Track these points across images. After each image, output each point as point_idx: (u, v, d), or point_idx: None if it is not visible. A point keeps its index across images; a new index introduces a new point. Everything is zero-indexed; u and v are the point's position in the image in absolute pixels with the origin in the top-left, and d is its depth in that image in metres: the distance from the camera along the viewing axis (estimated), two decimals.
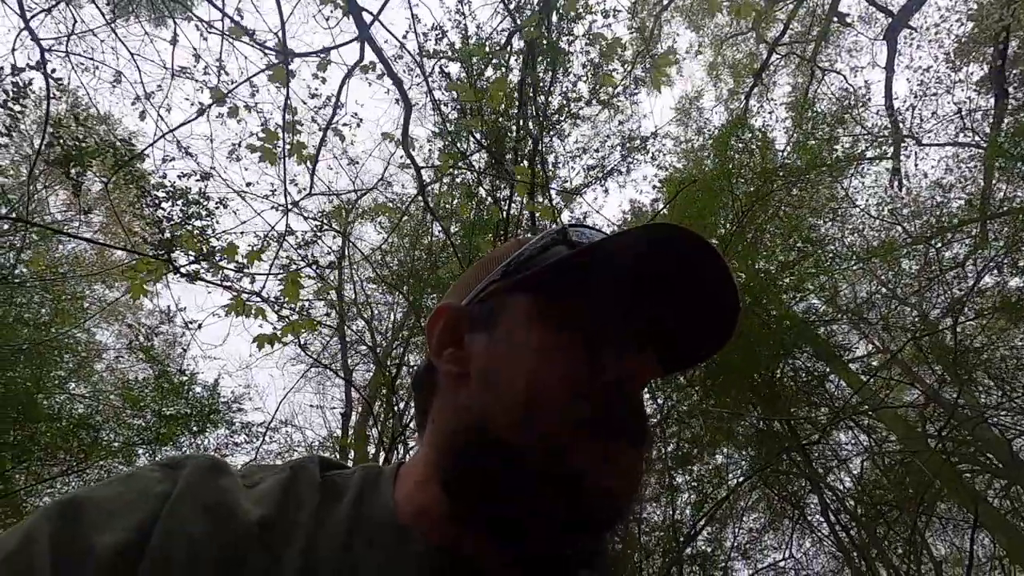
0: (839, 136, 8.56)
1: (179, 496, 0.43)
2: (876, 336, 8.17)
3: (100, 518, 0.40)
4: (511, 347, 0.48)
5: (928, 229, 6.37)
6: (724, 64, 12.06)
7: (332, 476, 0.50)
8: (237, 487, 0.46)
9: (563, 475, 0.42)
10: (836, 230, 7.75)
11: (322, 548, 0.43)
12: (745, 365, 5.95)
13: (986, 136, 6.47)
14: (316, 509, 0.46)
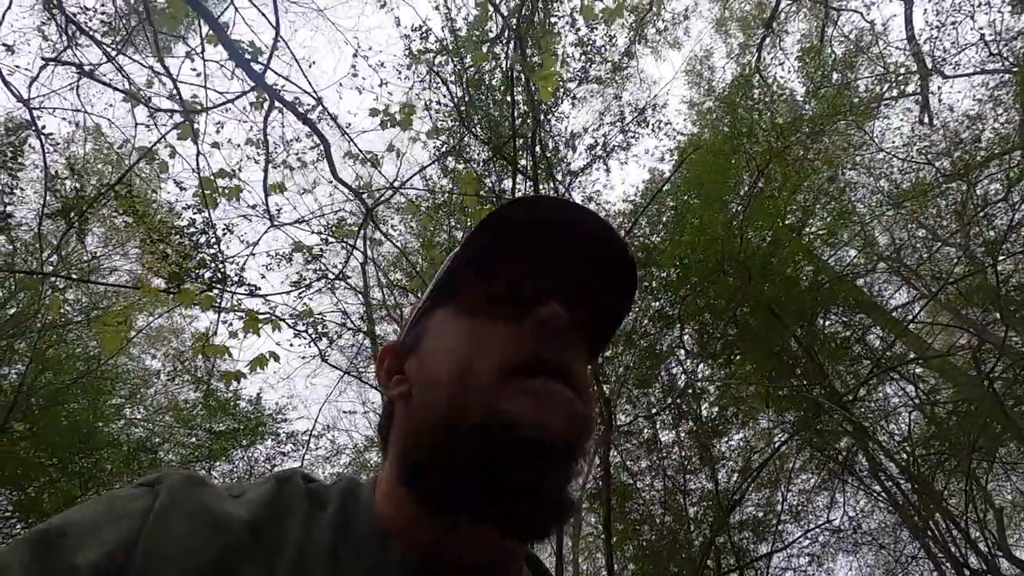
0: (859, 79, 8.18)
1: (161, 509, 0.42)
2: (919, 282, 7.84)
3: (78, 539, 0.39)
4: (434, 348, 0.52)
5: (961, 165, 6.03)
6: (732, 18, 11.61)
7: (315, 486, 0.51)
8: (221, 497, 0.46)
9: (501, 424, 0.43)
10: (864, 176, 7.44)
11: (311, 556, 0.44)
12: (779, 326, 5.81)
13: (1018, 59, 6.06)
14: (305, 518, 0.47)
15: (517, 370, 0.46)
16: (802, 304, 6.10)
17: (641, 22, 10.19)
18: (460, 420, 0.45)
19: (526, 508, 0.44)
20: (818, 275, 6.74)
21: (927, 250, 7.30)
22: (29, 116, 2.59)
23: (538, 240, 0.53)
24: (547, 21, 4.51)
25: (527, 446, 0.43)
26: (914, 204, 6.82)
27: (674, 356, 5.61)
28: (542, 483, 0.44)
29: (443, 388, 0.48)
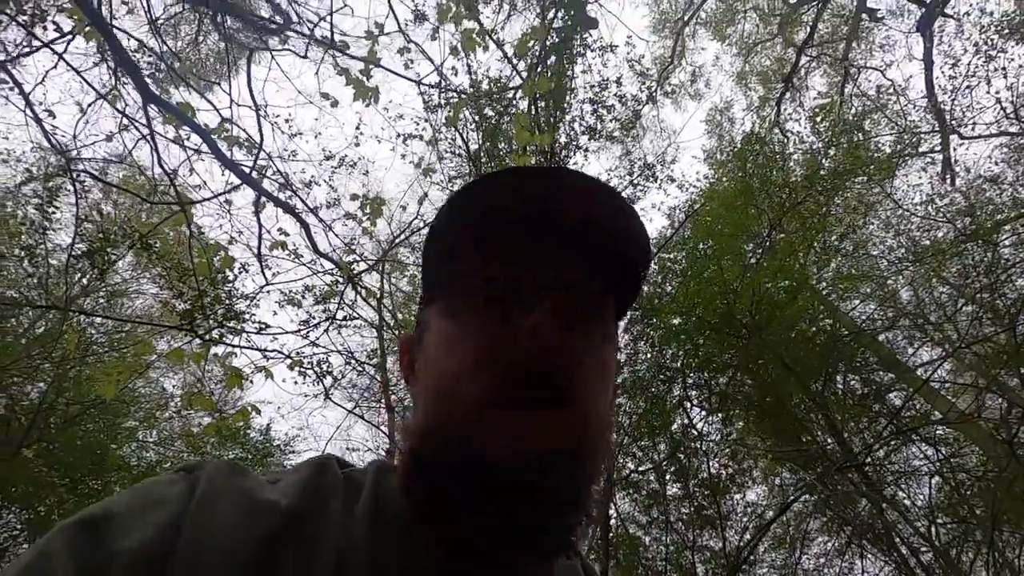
0: (878, 136, 8.22)
1: (203, 494, 0.42)
2: (944, 340, 7.64)
3: (120, 525, 0.39)
4: (427, 353, 0.51)
5: (981, 225, 5.96)
6: (752, 72, 11.87)
7: (350, 472, 0.52)
8: (261, 484, 0.46)
9: (475, 463, 0.41)
10: (882, 232, 7.38)
11: (353, 539, 0.44)
12: (792, 380, 5.70)
13: None
14: (342, 504, 0.47)
15: (494, 402, 0.43)
16: (818, 358, 5.99)
17: (663, 74, 10.48)
18: (437, 452, 0.44)
19: (516, 534, 0.42)
20: (835, 329, 6.63)
21: (952, 308, 7.15)
22: (65, 165, 2.81)
23: (518, 220, 0.49)
24: (562, 79, 4.69)
25: (503, 482, 0.41)
26: (934, 262, 6.72)
27: (682, 408, 5.53)
28: (528, 510, 0.42)
29: (431, 409, 0.47)
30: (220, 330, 3.04)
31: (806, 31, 9.93)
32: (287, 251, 3.20)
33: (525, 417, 0.42)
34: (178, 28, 6.43)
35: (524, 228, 0.49)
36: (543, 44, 3.89)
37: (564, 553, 0.46)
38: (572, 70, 5.34)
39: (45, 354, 5.82)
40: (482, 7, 4.47)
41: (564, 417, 0.43)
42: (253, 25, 3.07)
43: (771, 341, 5.46)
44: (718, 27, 11.63)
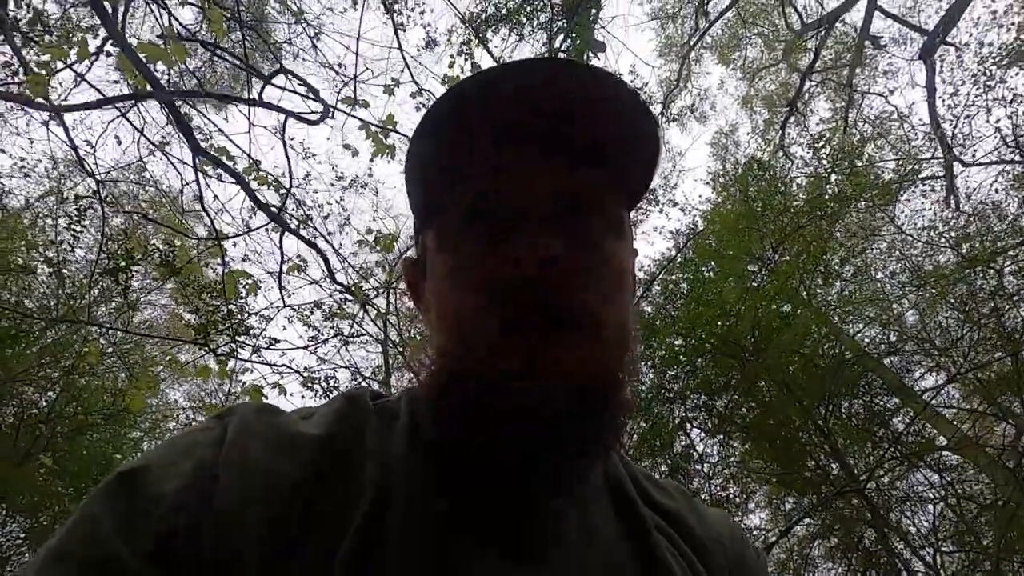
0: (881, 161, 8.30)
1: (235, 435, 0.42)
2: (950, 364, 7.61)
3: (156, 474, 0.39)
4: (433, 286, 0.49)
5: (983, 250, 5.99)
6: (757, 96, 12.02)
7: (382, 402, 0.50)
8: (293, 420, 0.46)
9: (503, 385, 0.41)
10: (884, 256, 7.41)
11: (391, 463, 0.43)
12: (793, 402, 5.70)
13: None
14: (378, 430, 0.46)
15: (502, 336, 0.42)
16: (820, 381, 5.99)
17: (668, 97, 10.65)
18: (452, 390, 0.43)
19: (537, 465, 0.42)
20: (839, 352, 6.63)
21: (957, 333, 7.14)
22: (96, 187, 2.94)
23: (512, 130, 0.45)
24: None
25: (520, 415, 0.40)
26: (937, 287, 6.74)
27: (683, 430, 5.53)
28: (548, 441, 0.41)
29: (446, 343, 0.45)
30: (232, 345, 3.13)
31: (810, 57, 10.10)
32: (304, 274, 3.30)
33: (536, 347, 0.41)
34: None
35: (518, 138, 0.45)
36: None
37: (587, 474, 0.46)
38: None
39: (55, 363, 5.91)
40: (491, 35, 4.62)
41: (578, 341, 0.42)
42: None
43: (772, 363, 5.47)
44: (723, 53, 11.83)
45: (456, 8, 3.32)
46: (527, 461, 0.42)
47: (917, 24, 8.95)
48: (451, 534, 0.41)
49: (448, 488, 0.43)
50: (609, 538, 0.47)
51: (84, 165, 2.85)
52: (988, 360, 6.05)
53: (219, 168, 2.62)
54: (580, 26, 5.16)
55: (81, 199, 3.29)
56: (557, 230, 0.43)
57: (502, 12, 4.48)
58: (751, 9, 11.16)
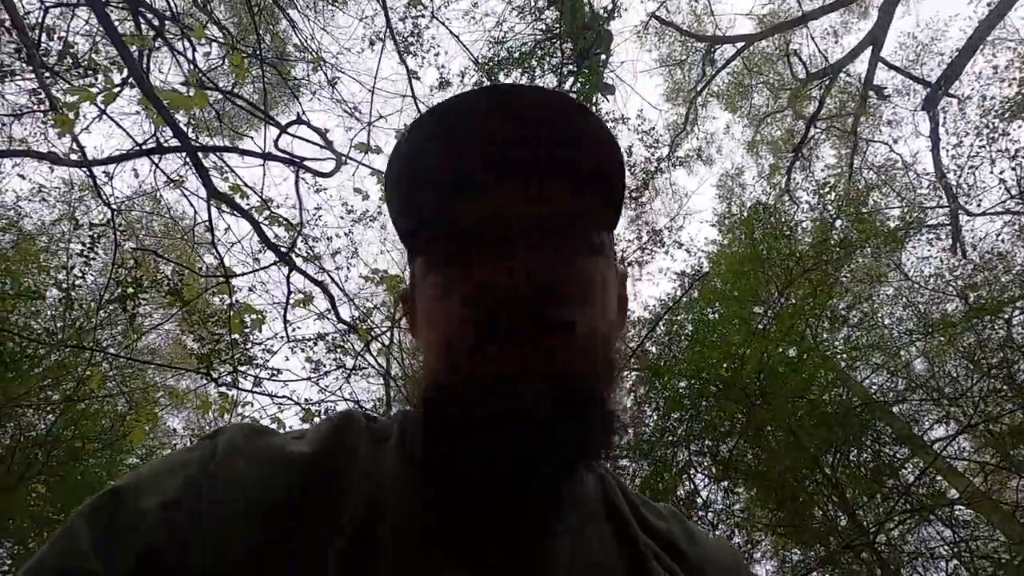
0: (887, 207, 8.36)
1: (223, 454, 0.42)
2: (960, 414, 7.47)
3: (141, 491, 0.39)
4: (420, 309, 0.50)
5: (991, 300, 5.96)
6: (763, 141, 12.23)
7: (375, 424, 0.51)
8: (283, 439, 0.45)
9: (479, 405, 0.41)
10: (891, 303, 7.38)
11: (382, 481, 0.43)
12: (800, 449, 5.58)
13: None
14: (369, 451, 0.46)
15: (483, 347, 0.42)
16: (828, 428, 5.87)
17: (675, 140, 10.84)
18: (442, 408, 0.44)
19: (524, 469, 0.41)
20: (847, 398, 6.52)
21: (967, 382, 7.03)
22: (111, 215, 3.02)
23: (478, 157, 0.46)
24: None
25: (507, 423, 0.40)
26: (946, 335, 6.67)
27: (687, 475, 5.41)
28: (534, 445, 0.41)
29: (431, 365, 0.46)
30: (235, 375, 3.13)
31: (815, 105, 10.31)
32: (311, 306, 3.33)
33: (515, 352, 0.41)
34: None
35: (485, 163, 0.46)
36: None
37: (579, 474, 0.45)
38: None
39: (56, 386, 5.90)
40: (503, 77, 4.76)
41: (556, 343, 0.42)
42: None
43: (778, 409, 5.39)
44: (730, 99, 12.09)
45: (470, 52, 3.44)
46: (520, 465, 0.41)
47: (920, 76, 9.15)
48: (443, 553, 0.41)
49: (441, 506, 0.43)
50: (604, 560, 0.47)
51: (100, 194, 2.93)
52: (1000, 413, 5.93)
53: (232, 209, 2.70)
54: (591, 71, 5.31)
55: (96, 227, 3.36)
56: (529, 246, 0.44)
57: (514, 56, 4.63)
58: (756, 59, 11.46)
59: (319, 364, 3.86)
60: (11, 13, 2.70)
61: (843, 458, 6.18)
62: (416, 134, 0.47)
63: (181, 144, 2.41)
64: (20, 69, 4.10)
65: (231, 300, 2.80)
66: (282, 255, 2.90)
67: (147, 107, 2.27)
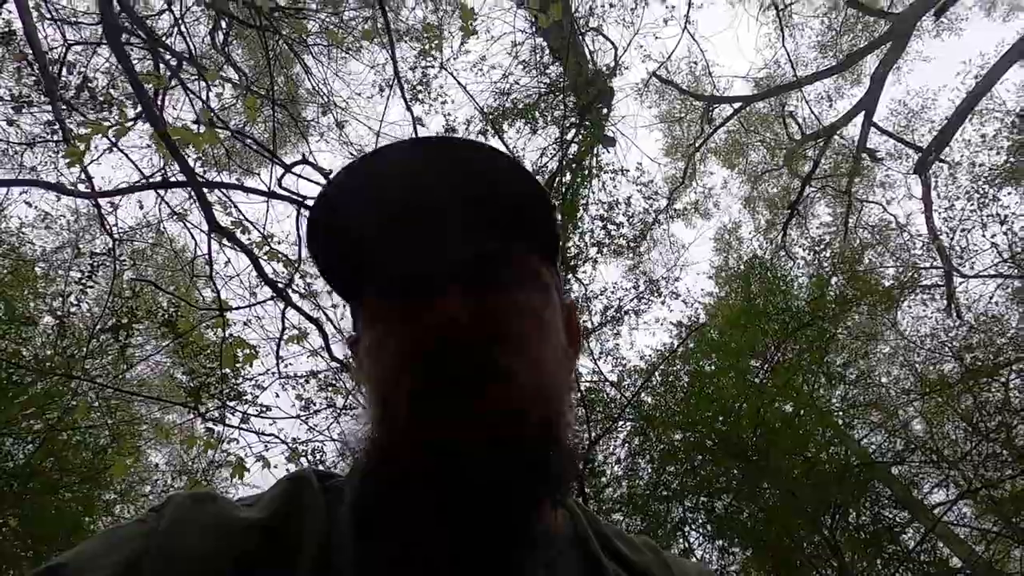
0: (882, 266, 8.46)
1: (167, 526, 0.41)
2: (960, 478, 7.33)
3: (82, 567, 0.38)
4: (361, 365, 0.50)
5: (987, 363, 5.95)
6: (760, 197, 12.49)
7: (332, 483, 0.49)
8: (232, 507, 0.44)
9: (419, 461, 0.40)
10: (886, 361, 7.36)
11: (334, 551, 0.41)
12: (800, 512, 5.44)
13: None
14: (323, 512, 0.44)
15: (421, 402, 0.42)
16: (825, 488, 5.74)
17: (674, 193, 11.07)
18: (382, 465, 0.43)
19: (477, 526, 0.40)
20: (846, 458, 6.41)
21: (966, 444, 6.93)
22: (112, 245, 3.06)
23: (397, 212, 0.46)
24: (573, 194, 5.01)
25: (450, 480, 0.40)
26: (943, 396, 6.63)
27: (681, 532, 5.26)
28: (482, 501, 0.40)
29: (370, 424, 0.46)
30: (223, 410, 3.08)
31: (811, 164, 10.58)
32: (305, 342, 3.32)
33: (456, 406, 0.41)
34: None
35: (405, 217, 0.46)
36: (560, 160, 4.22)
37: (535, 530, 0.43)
38: (588, 186, 5.69)
39: (40, 415, 5.79)
40: (507, 127, 4.92)
41: (493, 393, 0.41)
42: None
43: (776, 465, 5.28)
44: (727, 156, 12.42)
45: (476, 102, 3.56)
46: (470, 518, 0.40)
47: (911, 141, 9.44)
48: None
49: (395, 566, 0.41)
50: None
51: (104, 223, 2.97)
52: (1001, 478, 5.82)
53: (233, 243, 2.74)
54: (592, 124, 5.48)
55: (97, 256, 3.39)
56: (455, 293, 0.44)
57: (518, 107, 4.81)
58: (753, 118, 11.84)
59: (309, 402, 3.80)
60: (34, 48, 2.80)
61: (842, 520, 6.02)
62: (339, 184, 0.47)
63: (187, 180, 2.47)
64: (38, 100, 4.22)
65: (224, 334, 2.79)
66: (279, 290, 2.92)
67: (157, 142, 2.34)
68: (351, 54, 5.95)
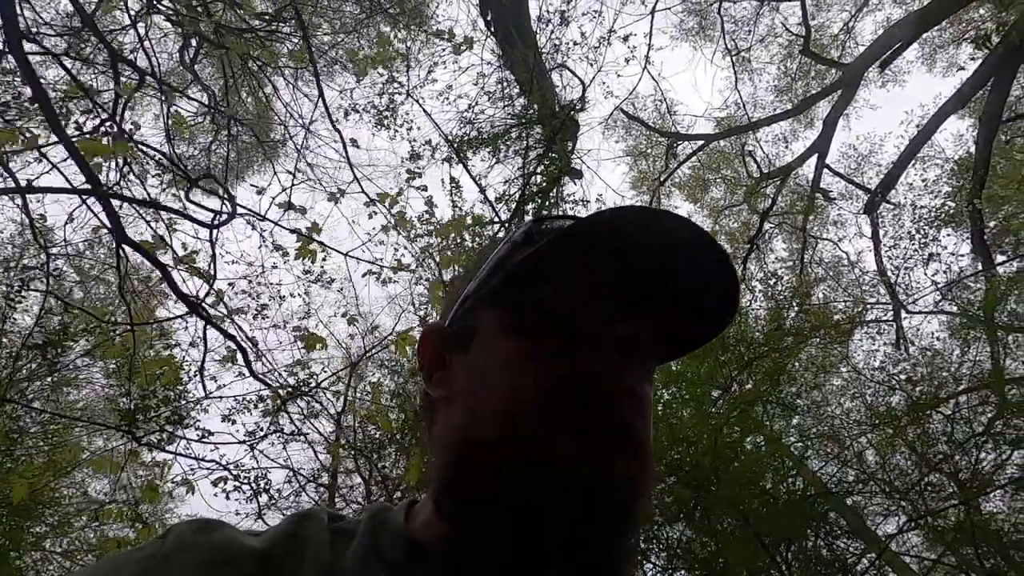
0: (835, 301, 8.80)
1: (167, 551, 0.41)
2: (911, 509, 7.52)
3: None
4: (487, 362, 0.48)
5: (930, 396, 6.20)
6: (722, 231, 12.90)
7: (340, 524, 0.49)
8: (235, 535, 0.44)
9: (558, 481, 0.40)
10: (837, 393, 7.59)
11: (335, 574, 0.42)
12: (758, 545, 5.48)
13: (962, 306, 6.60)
14: (328, 546, 0.44)
15: (567, 425, 0.42)
16: (779, 517, 5.81)
17: None
18: (505, 463, 0.42)
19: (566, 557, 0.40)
20: (799, 486, 6.51)
21: (915, 476, 7.15)
22: (46, 261, 2.95)
23: (612, 256, 0.48)
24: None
25: (586, 483, 0.41)
26: (892, 427, 6.85)
27: (638, 563, 5.22)
28: (599, 527, 0.41)
29: (489, 423, 0.44)
30: (159, 435, 2.94)
31: (768, 202, 11.03)
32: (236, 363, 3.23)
33: (595, 445, 0.42)
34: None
35: (630, 274, 0.48)
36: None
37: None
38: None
39: None
40: (471, 155, 4.99)
41: (629, 452, 0.43)
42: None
43: (732, 496, 5.33)
44: (691, 191, 12.84)
45: (441, 129, 3.64)
46: (559, 540, 0.40)
47: (861, 183, 9.96)
48: None
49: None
50: None
51: (37, 237, 2.86)
52: (943, 508, 6.01)
53: (144, 257, 2.68)
54: (557, 156, 5.61)
55: (30, 269, 3.25)
56: (630, 362, 0.46)
57: (483, 136, 4.90)
58: (715, 156, 12.31)
59: (257, 426, 3.67)
60: None
61: (800, 551, 6.09)
62: (626, 221, 0.47)
63: (93, 189, 2.42)
64: None
65: (134, 351, 2.69)
66: (192, 305, 2.83)
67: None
68: (324, 81, 5.97)
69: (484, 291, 0.51)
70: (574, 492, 0.40)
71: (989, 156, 6.82)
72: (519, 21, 4.71)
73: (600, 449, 0.42)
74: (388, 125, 4.54)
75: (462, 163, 4.35)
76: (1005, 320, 6.19)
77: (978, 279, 6.94)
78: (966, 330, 6.32)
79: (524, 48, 4.41)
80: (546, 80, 5.14)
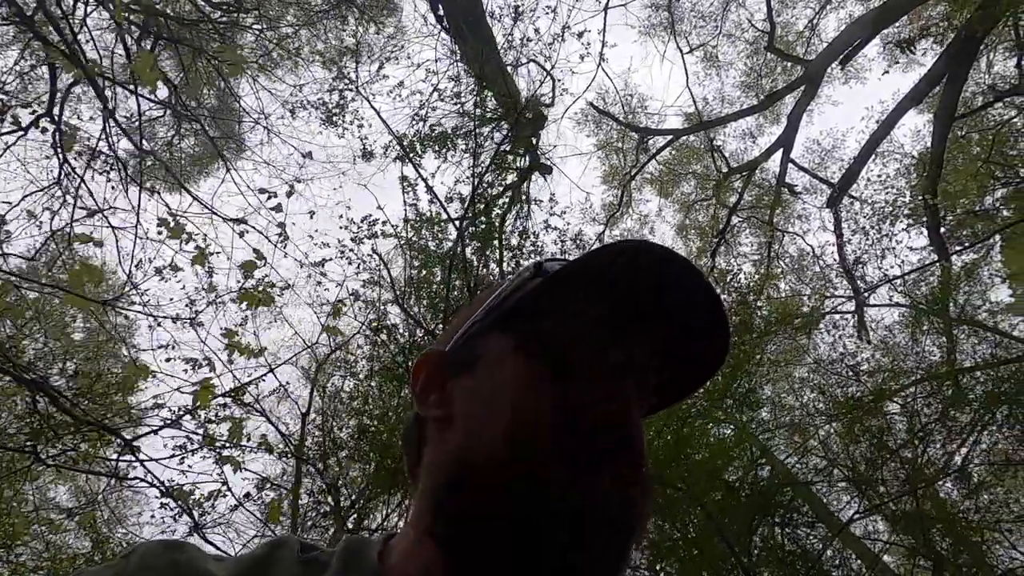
0: (801, 294, 8.97)
1: (132, 571, 0.41)
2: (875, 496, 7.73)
3: None
4: (490, 384, 0.48)
5: (886, 386, 6.36)
6: (692, 226, 13.04)
7: (313, 554, 0.47)
8: (200, 557, 0.44)
9: (551, 507, 0.41)
10: (802, 383, 7.75)
11: None
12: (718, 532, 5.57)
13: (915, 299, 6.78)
14: (297, 573, 0.44)
15: (577, 448, 0.43)
16: (745, 508, 5.92)
17: (611, 219, 11.41)
18: (507, 487, 0.42)
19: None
20: (765, 477, 6.64)
21: (879, 463, 7.34)
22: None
23: (641, 296, 0.50)
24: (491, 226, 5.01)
25: (575, 510, 0.41)
26: (849, 418, 7.02)
27: None
28: (587, 554, 0.40)
29: (491, 446, 0.44)
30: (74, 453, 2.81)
31: (736, 196, 11.18)
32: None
33: (604, 471, 0.42)
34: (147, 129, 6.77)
35: (622, 298, 0.50)
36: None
37: None
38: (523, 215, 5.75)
39: None
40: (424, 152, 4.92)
41: (637, 480, 0.44)
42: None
43: (698, 492, 5.40)
44: (662, 186, 12.93)
45: (391, 129, 3.57)
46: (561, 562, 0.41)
47: (824, 177, 10.15)
48: None
49: None
50: None
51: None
52: (899, 494, 6.19)
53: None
54: (522, 151, 5.58)
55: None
56: (642, 393, 0.49)
57: (433, 135, 4.82)
58: (685, 151, 12.42)
59: (187, 439, 3.53)
60: None
61: (766, 540, 6.21)
62: (614, 255, 0.49)
63: None
64: None
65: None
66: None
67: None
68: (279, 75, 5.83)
69: (489, 321, 0.52)
70: (576, 516, 0.41)
71: (943, 151, 7.00)
72: (474, 17, 4.65)
73: (596, 475, 0.42)
74: (336, 123, 4.46)
75: (411, 163, 4.28)
76: (956, 313, 6.37)
77: (933, 272, 7.14)
78: (919, 323, 6.50)
79: (476, 44, 4.37)
80: (507, 75, 5.10)
